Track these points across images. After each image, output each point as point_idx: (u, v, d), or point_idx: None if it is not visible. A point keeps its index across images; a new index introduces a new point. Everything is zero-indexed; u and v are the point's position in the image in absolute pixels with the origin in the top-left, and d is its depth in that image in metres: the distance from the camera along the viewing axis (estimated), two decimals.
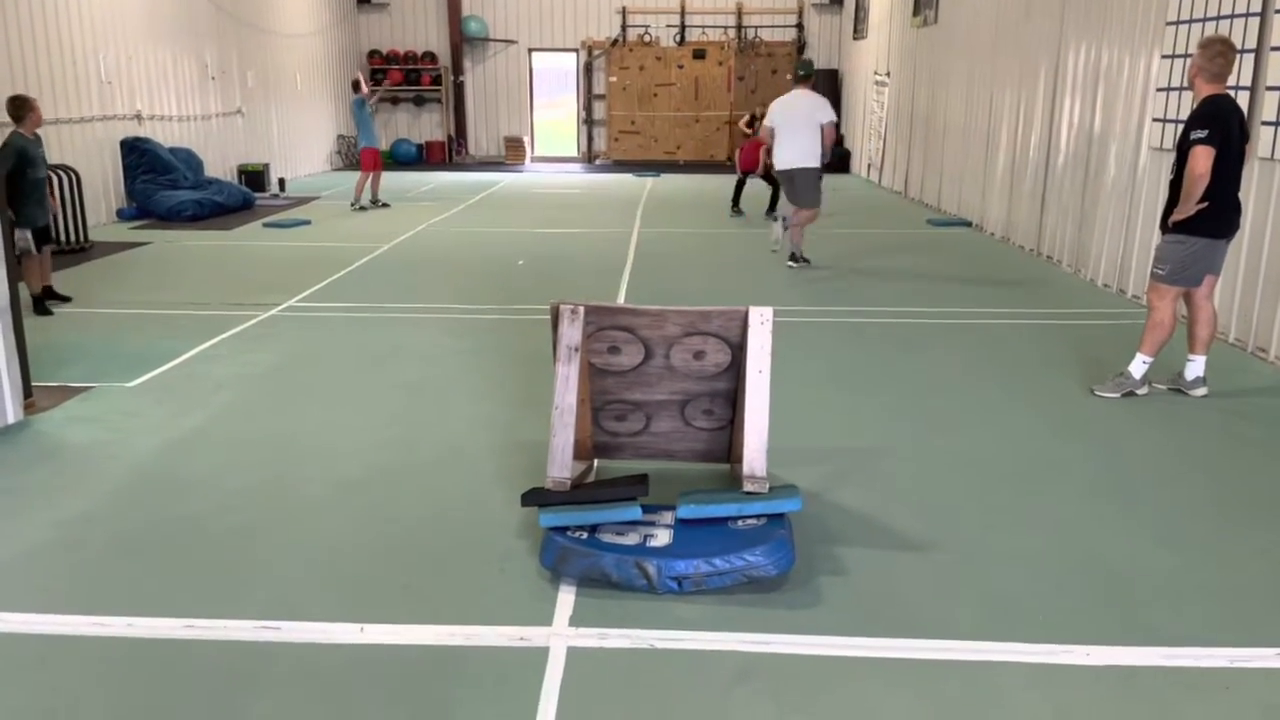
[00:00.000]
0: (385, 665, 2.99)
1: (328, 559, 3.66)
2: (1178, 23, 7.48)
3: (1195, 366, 5.56)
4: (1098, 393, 5.58)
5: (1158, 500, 4.23)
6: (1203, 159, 5.08)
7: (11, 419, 5.06)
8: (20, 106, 7.43)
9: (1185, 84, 5.55)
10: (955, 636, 3.15)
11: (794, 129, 9.10)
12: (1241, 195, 5.44)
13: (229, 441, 4.87)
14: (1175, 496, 4.27)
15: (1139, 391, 5.55)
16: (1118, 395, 5.54)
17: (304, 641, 3.11)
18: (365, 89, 14.11)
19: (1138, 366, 5.54)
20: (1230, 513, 4.11)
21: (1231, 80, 6.54)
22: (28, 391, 5.27)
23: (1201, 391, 5.54)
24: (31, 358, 5.40)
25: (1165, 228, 5.42)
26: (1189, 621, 3.25)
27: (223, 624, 3.19)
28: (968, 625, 3.23)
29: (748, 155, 13.08)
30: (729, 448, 4.31)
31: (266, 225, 12.35)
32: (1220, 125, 5.12)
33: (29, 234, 7.31)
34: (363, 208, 13.79)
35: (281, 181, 16.30)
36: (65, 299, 7.87)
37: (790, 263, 9.42)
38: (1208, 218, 5.25)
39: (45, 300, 7.63)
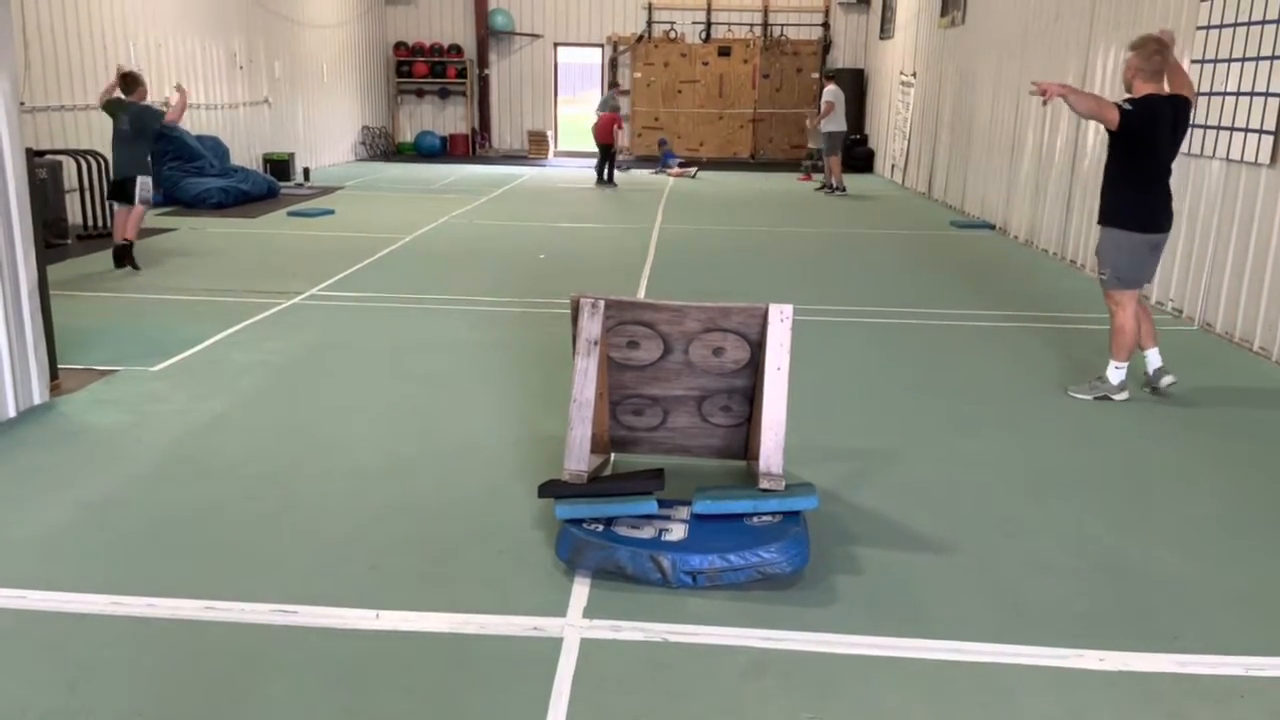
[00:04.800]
0: (399, 651, 3.02)
1: (345, 546, 3.69)
2: (1208, 28, 7.41)
3: (1152, 358, 5.60)
4: (1072, 393, 5.61)
5: (1175, 505, 4.21)
6: (1110, 109, 5.16)
7: (38, 400, 5.13)
8: (131, 82, 8.70)
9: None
10: (969, 638, 3.15)
11: None
12: (1264, 204, 5.39)
13: (250, 427, 4.92)
14: (1193, 502, 4.25)
15: (1115, 397, 5.54)
16: (1090, 398, 5.55)
17: (319, 626, 3.14)
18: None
19: (1113, 373, 5.55)
20: (1248, 519, 4.08)
21: (1263, 87, 6.53)
22: (54, 373, 5.34)
23: (1169, 379, 5.56)
24: (57, 339, 5.45)
25: (1101, 219, 5.52)
26: (1204, 628, 3.24)
27: (240, 607, 3.23)
28: (981, 627, 3.22)
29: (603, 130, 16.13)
30: (746, 444, 4.31)
31: (291, 214, 12.43)
32: (1149, 114, 5.17)
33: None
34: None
35: (306, 171, 16.40)
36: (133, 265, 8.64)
37: None
38: (1138, 210, 5.35)
39: (121, 254, 8.57)
